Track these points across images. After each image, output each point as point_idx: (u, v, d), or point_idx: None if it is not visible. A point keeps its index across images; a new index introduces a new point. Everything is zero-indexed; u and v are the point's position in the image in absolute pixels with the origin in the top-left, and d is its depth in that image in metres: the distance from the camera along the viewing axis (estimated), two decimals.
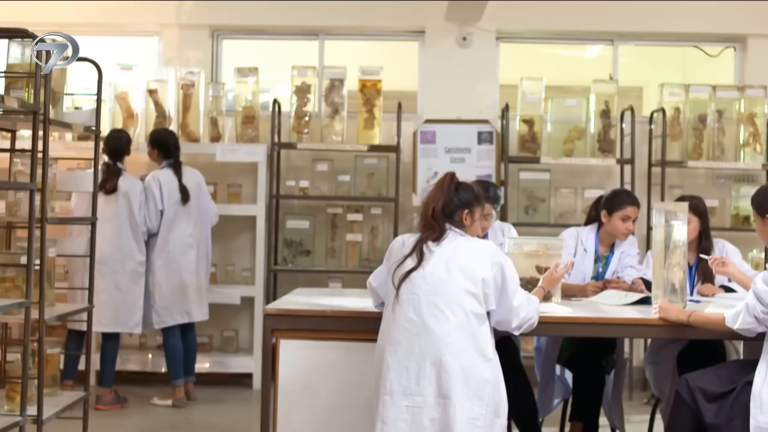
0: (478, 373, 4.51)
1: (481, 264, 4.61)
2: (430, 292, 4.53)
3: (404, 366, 4.50)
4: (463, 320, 4.52)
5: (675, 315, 5.04)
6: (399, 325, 4.55)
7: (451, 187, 4.81)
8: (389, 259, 4.74)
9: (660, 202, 6.01)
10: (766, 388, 4.61)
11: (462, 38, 9.28)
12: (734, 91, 9.14)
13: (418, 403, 4.48)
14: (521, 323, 4.79)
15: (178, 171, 7.98)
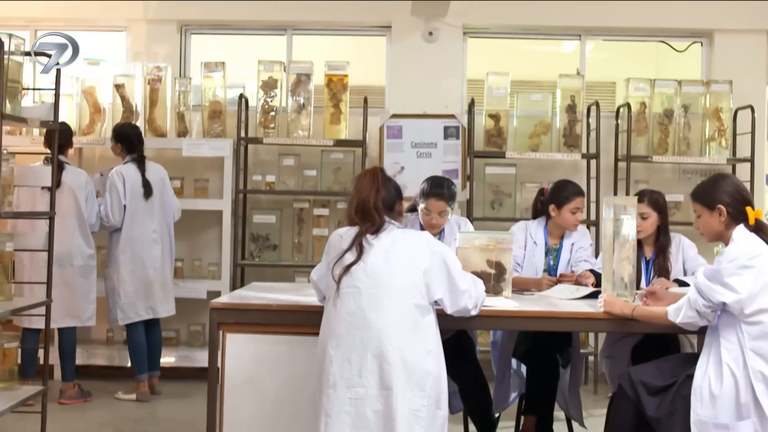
0: (419, 364, 4.52)
1: (421, 255, 4.64)
2: (371, 285, 4.54)
3: (347, 359, 4.50)
4: (404, 312, 4.53)
5: (619, 309, 5.06)
6: (340, 318, 4.55)
7: (385, 180, 4.83)
8: (329, 254, 4.75)
9: (609, 197, 6.02)
10: (706, 382, 4.62)
11: (428, 33, 9.30)
12: (700, 86, 9.17)
13: (360, 395, 4.48)
14: (476, 303, 4.86)
15: (142, 165, 7.99)
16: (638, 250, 6.23)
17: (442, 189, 6.15)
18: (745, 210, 4.77)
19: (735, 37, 9.47)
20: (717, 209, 4.79)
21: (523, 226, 6.59)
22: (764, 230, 4.76)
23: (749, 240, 4.67)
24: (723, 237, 4.80)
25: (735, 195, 4.81)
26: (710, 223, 4.86)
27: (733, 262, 4.57)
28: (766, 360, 4.50)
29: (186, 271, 9.16)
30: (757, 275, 4.54)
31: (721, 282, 4.56)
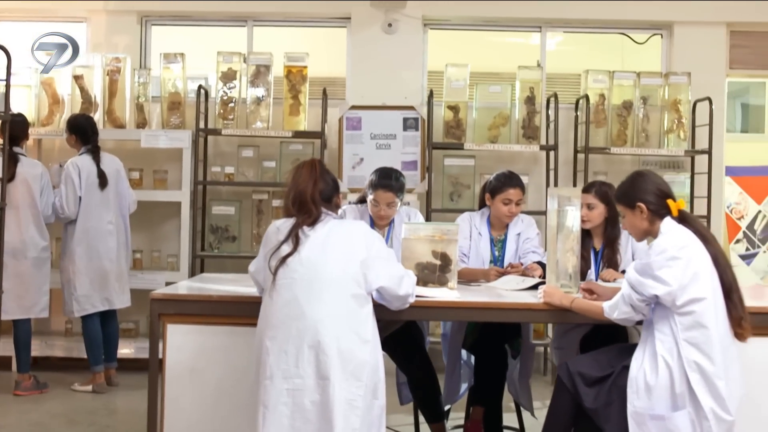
0: (356, 354, 4.53)
1: (357, 245, 4.66)
2: (306, 276, 4.55)
3: (283, 350, 4.51)
4: (340, 302, 4.54)
5: (558, 300, 5.08)
6: (277, 309, 4.56)
7: (323, 172, 4.83)
8: (265, 245, 4.76)
9: (554, 188, 6.03)
10: (642, 373, 4.64)
11: (387, 25, 9.30)
12: (659, 78, 9.19)
13: (298, 385, 4.49)
14: (412, 291, 4.89)
15: (97, 156, 7.95)
16: (588, 241, 6.29)
17: (390, 180, 6.15)
18: (666, 203, 4.80)
19: (694, 30, 9.50)
20: (637, 207, 4.83)
21: (468, 217, 6.60)
22: (690, 221, 4.79)
23: (676, 231, 4.70)
24: (651, 233, 4.83)
25: (654, 191, 4.85)
26: (635, 222, 4.90)
27: (661, 255, 4.60)
28: (699, 350, 4.52)
29: (145, 262, 9.15)
30: (686, 266, 4.57)
31: (651, 275, 4.59)
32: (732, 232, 10.57)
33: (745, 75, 10.22)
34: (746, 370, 4.82)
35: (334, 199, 4.88)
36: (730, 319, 4.67)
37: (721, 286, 4.69)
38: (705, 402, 4.51)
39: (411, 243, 5.63)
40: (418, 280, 5.42)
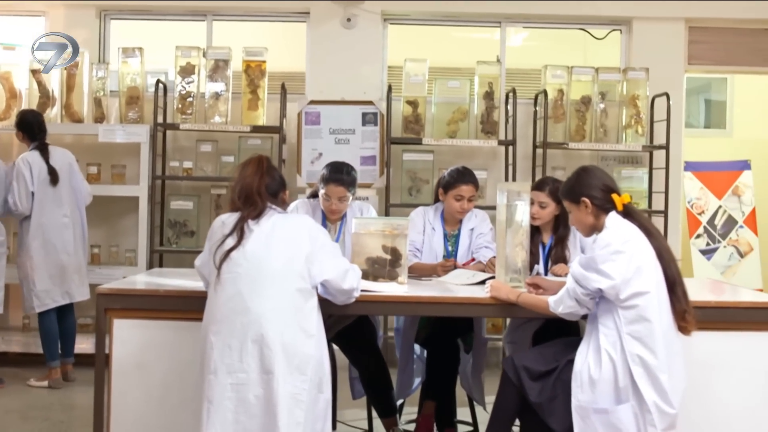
0: (300, 348, 4.54)
1: (302, 239, 4.69)
2: (250, 270, 4.56)
3: (227, 344, 4.52)
4: (284, 296, 4.56)
5: (505, 295, 5.11)
6: (221, 304, 4.57)
7: (270, 168, 4.85)
8: (211, 239, 4.76)
9: (503, 183, 6.04)
10: (585, 367, 4.66)
11: (346, 20, 9.28)
12: (617, 74, 9.22)
13: (242, 380, 4.50)
14: (352, 285, 4.91)
15: (45, 153, 7.91)
16: (536, 236, 6.29)
17: (341, 174, 6.14)
18: (611, 198, 4.82)
19: (653, 25, 9.53)
20: (582, 202, 4.86)
21: (422, 212, 6.61)
22: (634, 215, 4.82)
23: (621, 226, 4.73)
24: (597, 228, 4.85)
25: (598, 186, 4.87)
26: (580, 217, 4.92)
27: (605, 249, 4.63)
28: (642, 343, 4.55)
29: (103, 257, 9.13)
30: (629, 260, 4.59)
31: (595, 269, 4.62)
32: (693, 227, 10.64)
33: (703, 71, 10.28)
34: (690, 364, 4.87)
35: (280, 195, 4.91)
36: (674, 312, 4.70)
37: (665, 280, 4.72)
38: (648, 395, 4.55)
39: (361, 237, 5.62)
40: (368, 275, 5.44)
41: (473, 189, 6.42)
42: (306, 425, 4.57)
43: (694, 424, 5.10)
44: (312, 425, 4.62)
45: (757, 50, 9.63)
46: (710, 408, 5.18)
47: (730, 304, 5.36)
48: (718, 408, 5.19)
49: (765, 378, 5.20)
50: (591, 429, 4.63)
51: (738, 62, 9.76)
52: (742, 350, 5.21)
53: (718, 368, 5.20)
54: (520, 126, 9.01)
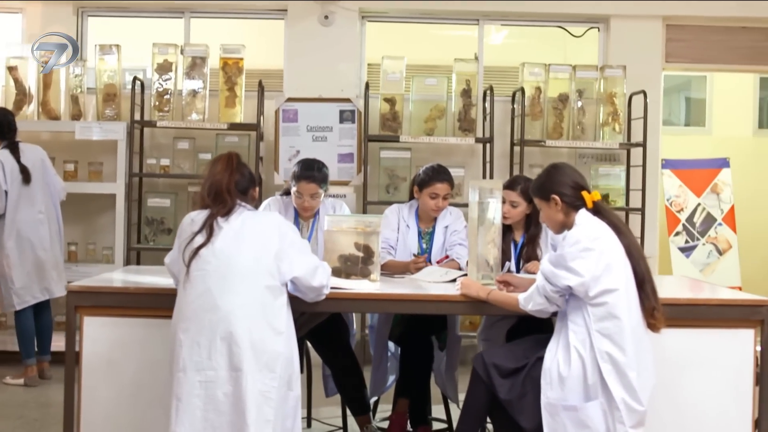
0: (269, 345, 4.55)
1: (271, 237, 4.69)
2: (219, 267, 4.56)
3: (196, 342, 4.52)
4: (253, 294, 4.56)
5: (475, 292, 5.12)
6: (190, 301, 4.57)
7: (240, 165, 4.84)
8: (180, 237, 4.76)
9: (475, 180, 6.04)
10: (555, 365, 4.67)
11: (324, 17, 9.27)
12: (594, 71, 9.22)
13: (210, 377, 4.51)
14: (322, 282, 4.90)
15: (16, 151, 7.86)
16: (508, 234, 6.30)
17: (312, 171, 6.14)
18: (581, 195, 4.83)
19: (631, 23, 9.54)
20: (552, 200, 4.87)
21: (396, 209, 6.62)
22: (604, 212, 4.83)
23: (590, 223, 4.74)
24: (567, 225, 4.85)
25: (568, 183, 4.88)
26: (550, 215, 4.93)
27: (575, 246, 4.64)
28: (611, 340, 4.56)
29: (80, 254, 9.11)
30: (598, 257, 4.61)
31: (565, 266, 4.63)
32: (672, 225, 10.66)
33: (680, 68, 10.30)
34: (661, 361, 4.90)
35: (250, 192, 4.91)
36: (643, 309, 4.72)
37: (635, 277, 4.73)
38: (616, 392, 4.56)
39: (333, 235, 5.63)
40: (340, 272, 5.46)
41: (448, 187, 6.43)
42: (276, 423, 4.57)
43: (664, 422, 5.16)
44: (282, 422, 4.63)
45: (734, 48, 9.65)
46: (680, 405, 5.22)
47: (700, 301, 5.38)
48: (687, 405, 5.23)
49: (734, 375, 5.23)
50: (560, 426, 4.65)
51: (715, 60, 9.78)
52: (712, 347, 5.24)
53: (688, 365, 5.23)
54: (498, 123, 9.01)
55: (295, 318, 5.54)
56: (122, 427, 5.16)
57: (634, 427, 4.59)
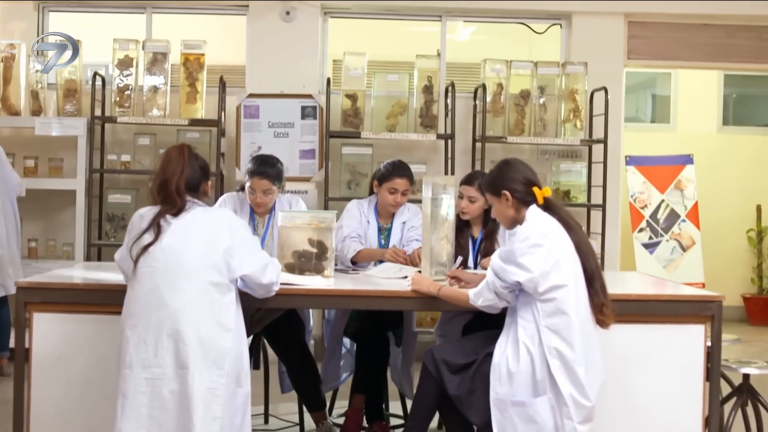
0: (217, 342, 4.53)
1: (221, 233, 4.66)
2: (167, 265, 4.54)
3: (143, 339, 4.50)
4: (201, 291, 4.54)
5: (426, 288, 5.11)
6: (138, 298, 4.56)
7: (191, 159, 4.80)
8: (129, 233, 4.72)
9: (428, 176, 6.05)
10: (504, 360, 4.68)
11: (285, 13, 9.24)
12: (556, 68, 9.23)
13: (156, 374, 4.49)
14: (271, 279, 4.89)
15: None
16: (466, 230, 6.31)
17: (266, 167, 6.13)
18: (532, 191, 4.83)
19: (593, 20, 9.55)
20: (503, 195, 4.87)
21: (357, 204, 6.63)
22: (554, 208, 4.84)
23: (540, 219, 4.75)
24: (518, 220, 4.86)
25: (519, 179, 4.89)
26: (502, 210, 4.93)
27: (524, 242, 4.64)
28: (560, 336, 4.57)
29: (40, 251, 9.06)
30: (548, 253, 4.61)
31: (514, 262, 4.63)
32: (635, 221, 10.70)
33: (642, 65, 10.34)
34: (610, 356, 4.91)
35: (201, 187, 4.87)
36: (592, 306, 4.73)
37: (584, 273, 4.74)
38: (564, 388, 4.56)
39: (287, 231, 5.65)
40: (294, 268, 5.47)
41: (407, 183, 6.44)
42: (224, 420, 4.57)
43: (615, 417, 5.17)
44: (230, 419, 4.63)
45: (696, 45, 9.69)
46: (631, 400, 5.23)
47: (650, 297, 5.41)
48: (638, 400, 5.24)
49: (684, 370, 5.24)
50: (508, 422, 4.65)
51: (677, 57, 9.81)
52: (663, 343, 5.26)
53: (639, 361, 5.25)
54: (460, 120, 9.01)
55: (251, 314, 5.58)
56: (71, 424, 5.13)
57: (581, 422, 4.61)
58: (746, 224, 12.68)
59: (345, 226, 6.47)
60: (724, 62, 10.03)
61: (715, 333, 5.22)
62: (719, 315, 5.22)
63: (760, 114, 13.19)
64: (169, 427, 4.49)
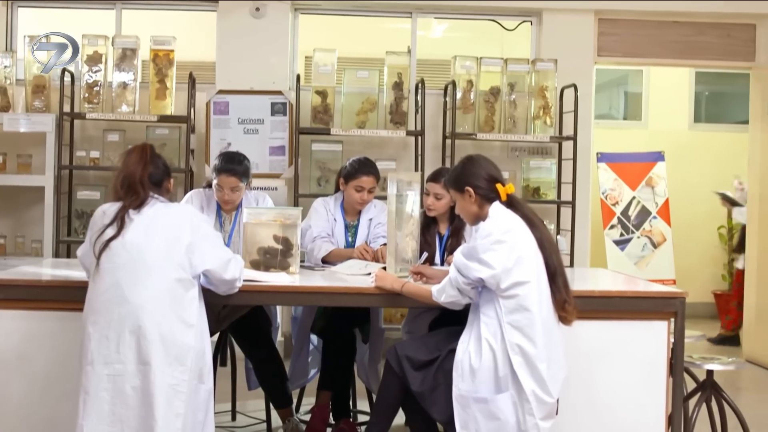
0: (179, 339, 4.54)
1: (183, 229, 4.67)
2: (129, 261, 4.54)
3: (104, 335, 4.50)
4: (163, 287, 4.55)
5: (390, 284, 5.12)
6: (100, 294, 4.55)
7: (154, 156, 4.81)
8: (91, 229, 4.73)
9: (393, 172, 6.04)
10: (466, 357, 4.69)
11: (255, 9, 9.22)
12: (526, 65, 9.23)
13: (118, 371, 4.49)
14: (240, 275, 4.92)
15: None
16: (433, 227, 6.32)
17: (233, 164, 6.13)
18: (495, 188, 4.84)
19: (563, 17, 9.54)
20: (466, 192, 4.88)
21: (323, 202, 6.63)
22: (517, 205, 4.85)
23: (503, 216, 4.76)
24: (481, 217, 4.87)
25: (482, 175, 4.90)
26: (465, 206, 4.95)
27: (487, 238, 4.66)
28: (522, 333, 4.59)
29: (9, 248, 9.01)
30: (510, 249, 4.63)
31: (477, 258, 4.64)
32: (606, 218, 10.75)
33: (612, 62, 10.35)
34: (574, 353, 4.95)
35: (164, 184, 4.88)
36: (555, 302, 4.75)
37: (546, 270, 4.77)
38: (527, 384, 4.59)
39: (253, 227, 5.66)
40: (259, 265, 5.47)
41: (374, 180, 6.44)
42: (186, 416, 4.57)
43: (578, 413, 5.21)
44: (193, 416, 4.63)
45: (666, 42, 9.70)
46: (594, 397, 5.27)
47: (614, 293, 5.42)
48: (602, 397, 5.28)
49: (647, 367, 5.28)
50: (471, 418, 4.67)
51: (647, 54, 9.81)
52: (627, 339, 5.30)
53: (602, 357, 5.28)
54: (430, 116, 9.01)
55: (217, 311, 5.58)
56: (33, 421, 5.12)
57: (544, 418, 4.63)
58: (717, 221, 12.73)
59: (314, 226, 6.46)
60: (694, 59, 10.04)
61: (678, 329, 5.24)
62: (682, 311, 5.24)
63: (731, 111, 13.24)
64: (131, 424, 4.49)
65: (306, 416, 6.51)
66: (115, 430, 4.49)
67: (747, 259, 10.12)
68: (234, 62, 9.25)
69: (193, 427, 4.63)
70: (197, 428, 4.67)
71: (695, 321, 11.13)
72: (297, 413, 6.55)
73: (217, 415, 5.09)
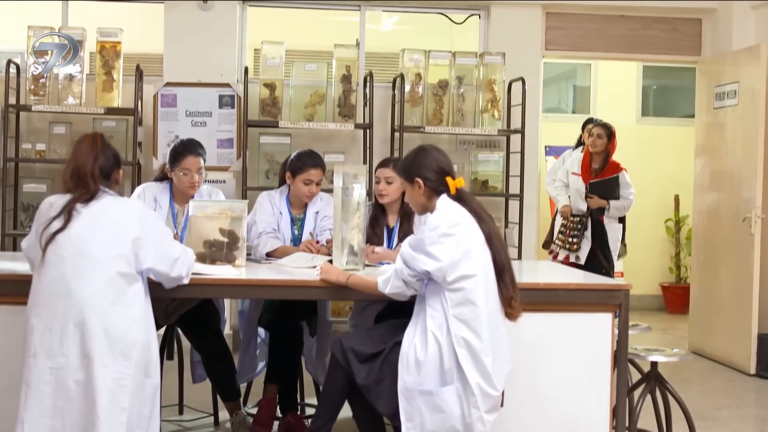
0: (123, 333, 4.51)
1: (130, 223, 4.63)
2: (75, 254, 4.50)
3: (48, 328, 4.47)
4: (108, 281, 4.51)
5: (335, 277, 5.11)
6: (44, 287, 4.52)
7: (104, 146, 4.77)
8: (38, 221, 4.68)
9: (339, 165, 6.04)
10: (412, 349, 4.70)
11: (203, 1, 9.17)
12: (474, 58, 9.26)
13: (61, 364, 4.46)
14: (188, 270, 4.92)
15: None
16: (382, 219, 6.33)
17: (197, 147, 6.25)
18: (445, 181, 4.86)
19: (511, 11, 9.60)
20: (416, 182, 4.88)
21: (268, 196, 6.60)
22: (466, 199, 4.86)
23: (451, 209, 4.77)
24: (429, 208, 4.88)
25: (433, 167, 4.90)
26: (413, 196, 4.96)
27: (434, 231, 4.66)
28: (468, 326, 4.60)
29: None
30: (457, 243, 4.64)
31: (423, 251, 4.65)
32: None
33: (560, 56, 10.44)
34: (518, 345, 4.96)
35: (113, 175, 4.84)
36: (501, 298, 4.76)
37: (494, 265, 4.78)
38: (472, 377, 4.60)
39: (198, 220, 5.65)
40: (205, 258, 5.46)
41: (321, 173, 6.43)
42: (131, 410, 4.55)
43: (523, 405, 5.23)
44: (138, 410, 4.61)
45: (612, 36, 9.80)
46: (538, 389, 5.29)
47: (558, 285, 5.45)
48: (546, 389, 5.30)
49: (592, 359, 5.31)
50: (416, 411, 4.68)
51: (594, 48, 9.92)
52: (571, 331, 5.32)
53: (546, 349, 5.30)
54: (379, 110, 9.04)
55: (165, 305, 5.56)
56: None
57: (488, 411, 4.65)
58: (664, 214, 12.87)
59: (259, 222, 6.42)
60: (641, 54, 10.18)
61: (622, 321, 5.27)
62: (627, 304, 5.27)
63: (678, 105, 13.36)
64: (73, 418, 4.45)
65: (253, 410, 6.49)
66: (56, 423, 4.46)
67: (692, 252, 10.21)
68: (182, 54, 9.21)
69: (138, 422, 4.61)
70: (143, 422, 4.64)
71: (643, 313, 11.26)
72: (244, 407, 6.53)
73: (163, 408, 5.07)
